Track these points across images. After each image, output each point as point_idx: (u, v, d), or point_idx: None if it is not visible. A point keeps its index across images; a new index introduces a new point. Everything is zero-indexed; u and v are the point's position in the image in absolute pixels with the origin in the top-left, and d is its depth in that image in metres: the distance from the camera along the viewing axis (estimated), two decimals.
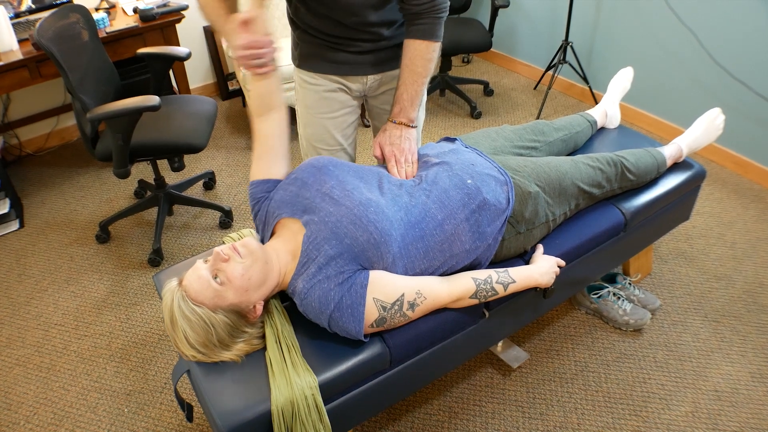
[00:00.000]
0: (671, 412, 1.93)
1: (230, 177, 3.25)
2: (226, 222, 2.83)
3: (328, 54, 1.75)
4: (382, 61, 1.79)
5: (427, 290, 1.47)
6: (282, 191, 1.56)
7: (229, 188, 3.16)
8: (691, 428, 1.88)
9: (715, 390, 1.99)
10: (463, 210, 1.56)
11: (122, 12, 3.22)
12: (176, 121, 2.56)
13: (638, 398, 1.97)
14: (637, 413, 1.93)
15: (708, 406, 1.94)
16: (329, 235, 1.42)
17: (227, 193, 3.12)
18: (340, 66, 1.78)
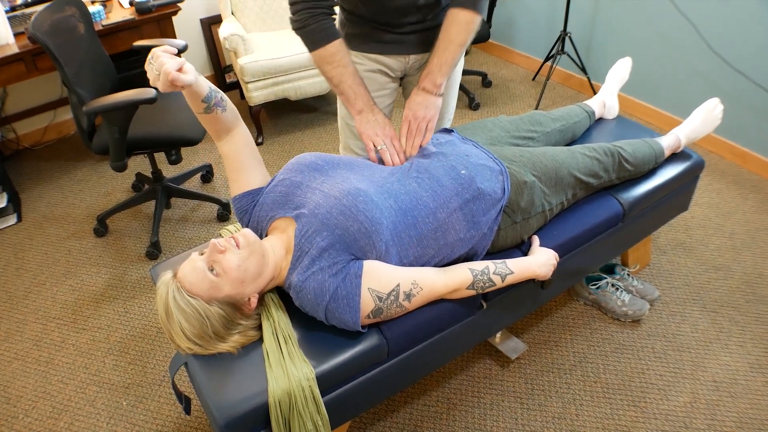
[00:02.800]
0: (669, 402, 1.93)
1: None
2: (223, 215, 2.83)
3: (374, 34, 1.77)
4: (426, 42, 1.80)
5: (423, 281, 1.47)
6: (270, 194, 1.56)
7: (226, 181, 3.15)
8: (689, 419, 1.88)
9: (714, 381, 1.99)
10: (457, 199, 1.56)
11: (118, 4, 3.20)
12: (173, 113, 2.55)
13: (636, 389, 1.97)
14: (635, 404, 1.93)
15: (706, 397, 1.94)
16: (320, 226, 1.42)
17: (225, 186, 3.11)
18: (385, 45, 1.80)
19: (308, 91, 3.45)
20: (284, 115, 3.79)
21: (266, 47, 3.36)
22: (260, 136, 3.48)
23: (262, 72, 3.23)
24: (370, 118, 1.72)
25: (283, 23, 3.66)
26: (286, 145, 3.46)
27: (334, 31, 1.63)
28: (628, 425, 1.86)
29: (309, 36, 1.64)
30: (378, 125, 1.71)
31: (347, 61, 1.67)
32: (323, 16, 1.61)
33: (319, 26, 1.61)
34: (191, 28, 3.81)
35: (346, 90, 1.69)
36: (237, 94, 4.05)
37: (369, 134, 1.71)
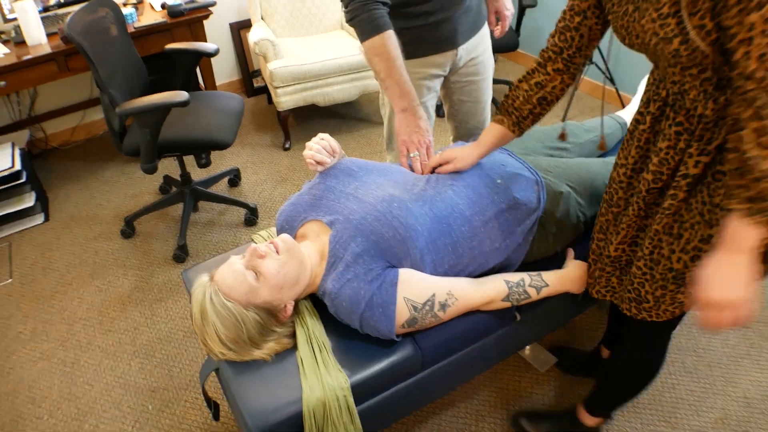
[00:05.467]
0: (700, 418, 1.89)
1: (255, 174, 3.24)
2: (251, 219, 2.82)
3: (428, 34, 1.82)
4: (470, 28, 1.90)
5: (459, 291, 1.45)
6: (305, 196, 1.56)
7: (254, 185, 3.14)
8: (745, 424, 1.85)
9: (745, 397, 1.95)
10: (493, 207, 1.54)
11: (150, 7, 3.22)
12: (204, 117, 2.55)
13: (667, 404, 1.93)
14: (666, 419, 1.89)
15: (738, 413, 1.90)
16: (354, 232, 1.40)
17: (252, 190, 3.11)
18: (440, 43, 1.86)
19: (336, 97, 3.44)
20: (312, 120, 3.79)
21: (295, 53, 3.35)
22: (287, 141, 3.47)
23: (291, 77, 3.22)
24: (411, 121, 1.68)
25: (312, 28, 3.66)
26: None
27: (384, 22, 1.59)
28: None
29: (359, 27, 1.61)
30: (417, 130, 1.69)
31: (396, 55, 1.62)
32: (374, 6, 1.58)
33: (369, 16, 1.58)
34: (221, 32, 3.82)
35: (392, 85, 1.65)
36: (264, 100, 4.06)
37: (404, 138, 1.69)
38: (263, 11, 3.53)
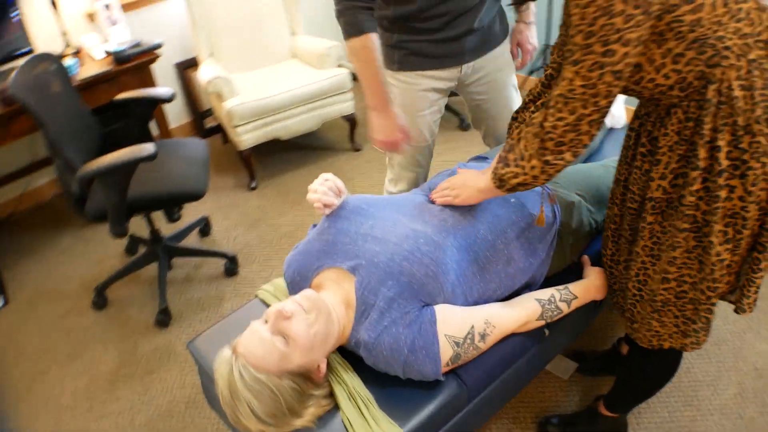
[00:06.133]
0: (720, 396, 1.93)
1: (225, 220, 3.07)
2: (231, 269, 2.64)
3: (428, 49, 1.80)
4: (477, 47, 1.85)
5: (495, 318, 1.38)
6: (315, 242, 1.45)
7: (226, 232, 2.97)
8: (742, 409, 1.88)
9: (755, 368, 2.00)
10: (513, 228, 1.49)
11: (89, 56, 3.02)
12: (171, 168, 2.38)
13: (687, 388, 1.95)
14: (689, 403, 1.91)
15: (753, 385, 1.95)
16: (383, 276, 1.31)
17: (225, 237, 2.93)
18: (442, 59, 1.83)
19: (298, 129, 3.31)
20: (275, 155, 3.64)
21: (251, 88, 3.21)
22: (253, 181, 3.31)
23: (250, 114, 3.07)
24: (383, 119, 1.79)
25: (263, 60, 3.52)
26: (282, 186, 3.30)
27: (365, 25, 1.66)
28: (688, 425, 1.84)
29: (342, 26, 1.70)
30: (386, 129, 1.81)
31: (372, 57, 1.71)
32: (359, 9, 1.66)
33: (352, 19, 1.66)
34: (166, 73, 3.63)
35: (365, 84, 1.76)
36: (219, 139, 3.88)
37: (378, 138, 1.83)
38: (211, 47, 3.37)
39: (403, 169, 2.13)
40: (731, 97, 1.02)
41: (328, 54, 3.34)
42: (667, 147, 1.15)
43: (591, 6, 0.93)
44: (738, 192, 1.08)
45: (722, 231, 1.12)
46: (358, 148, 3.61)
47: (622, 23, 0.93)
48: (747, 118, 1.02)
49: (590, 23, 0.95)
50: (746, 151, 1.04)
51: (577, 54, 1.00)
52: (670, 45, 1.01)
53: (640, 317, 1.37)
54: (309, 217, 3.01)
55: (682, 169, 1.14)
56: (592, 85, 1.01)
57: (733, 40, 0.99)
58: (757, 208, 1.09)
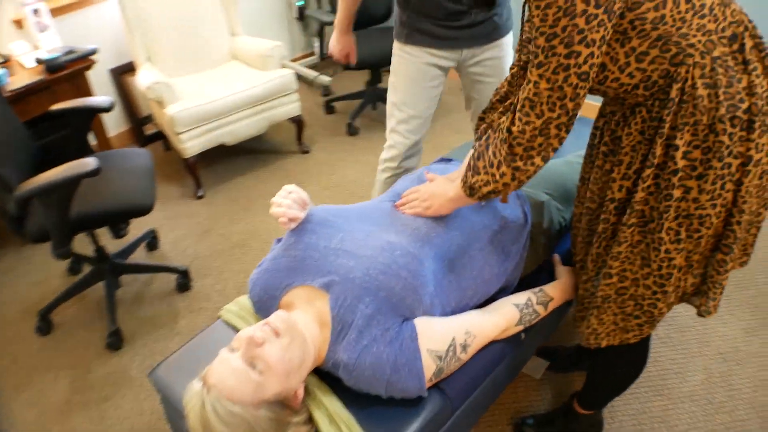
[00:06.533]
0: (689, 383, 1.97)
1: (173, 232, 2.94)
2: (184, 284, 2.54)
3: (430, 30, 1.97)
4: (477, 37, 2.00)
5: (476, 328, 1.35)
6: (282, 259, 1.38)
7: (175, 245, 2.85)
8: (710, 394, 1.93)
9: (719, 352, 2.06)
10: (486, 232, 1.46)
11: (19, 65, 2.83)
12: (115, 181, 2.26)
13: (656, 378, 1.99)
14: (660, 392, 1.94)
15: (718, 370, 2.01)
16: (360, 292, 1.26)
17: (174, 250, 2.81)
18: (439, 41, 1.99)
19: (245, 133, 3.21)
20: (221, 161, 3.53)
21: (194, 92, 3.09)
22: (200, 189, 3.19)
23: (194, 120, 2.96)
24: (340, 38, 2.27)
25: (203, 63, 3.39)
26: (230, 193, 3.20)
27: None
28: (661, 415, 1.88)
29: None
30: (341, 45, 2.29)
31: None
32: None
33: None
34: (102, 80, 3.45)
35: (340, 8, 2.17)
36: (160, 147, 3.73)
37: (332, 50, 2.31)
38: (148, 51, 3.22)
39: (398, 135, 2.24)
40: (695, 96, 1.01)
41: (270, 55, 3.25)
42: (630, 146, 1.14)
43: (552, 7, 0.91)
44: (693, 193, 1.08)
45: (673, 230, 1.12)
46: (307, 150, 3.54)
47: (584, 23, 0.92)
48: (711, 116, 1.02)
49: (552, 24, 0.93)
50: (710, 150, 1.04)
51: (541, 56, 0.98)
52: (633, 44, 1.00)
53: (581, 315, 1.39)
54: (262, 224, 2.93)
55: (644, 167, 1.13)
56: (558, 87, 1.00)
57: (697, 37, 0.98)
58: (723, 209, 1.10)
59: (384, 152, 2.32)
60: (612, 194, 1.20)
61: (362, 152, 3.51)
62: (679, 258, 1.16)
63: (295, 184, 3.21)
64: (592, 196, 1.29)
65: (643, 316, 1.28)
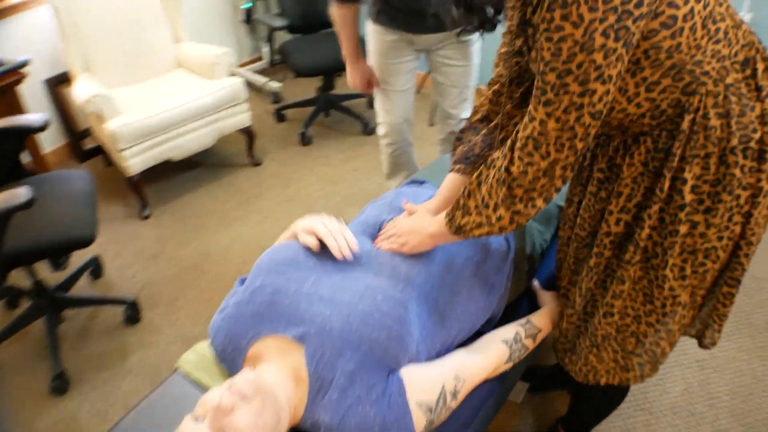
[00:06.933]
0: (669, 395, 1.95)
1: (118, 257, 2.73)
2: (133, 316, 2.35)
3: (400, 15, 2.01)
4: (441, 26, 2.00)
5: (465, 371, 1.25)
6: (249, 305, 1.24)
7: (121, 271, 2.65)
8: (691, 405, 1.92)
9: (696, 360, 2.05)
10: (469, 264, 1.37)
11: None
12: (52, 211, 2.05)
13: (637, 392, 1.96)
14: (642, 407, 1.92)
15: (697, 379, 2.00)
16: (340, 345, 1.14)
17: (121, 278, 2.61)
18: (409, 25, 2.04)
19: (192, 147, 3.03)
20: (167, 177, 3.31)
21: (136, 104, 2.89)
22: (145, 209, 2.99)
23: (137, 135, 2.76)
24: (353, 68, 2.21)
25: (146, 73, 3.18)
26: (179, 212, 3.01)
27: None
28: (643, 430, 1.86)
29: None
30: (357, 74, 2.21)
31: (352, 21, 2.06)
32: None
33: None
34: (34, 92, 3.17)
35: (342, 39, 2.13)
36: (100, 162, 3.47)
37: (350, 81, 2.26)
38: (85, 60, 2.98)
39: (385, 112, 2.34)
40: (707, 127, 0.94)
41: (218, 62, 3.07)
42: (631, 178, 1.06)
43: (567, 40, 0.81)
44: (700, 228, 1.02)
45: (678, 266, 1.06)
46: (258, 162, 3.38)
47: (602, 59, 0.82)
48: (722, 148, 0.95)
49: (566, 60, 0.83)
50: (719, 183, 0.97)
51: (550, 93, 0.87)
52: (645, 74, 0.91)
53: (579, 350, 1.31)
54: (214, 245, 2.75)
55: (646, 201, 1.05)
56: (569, 128, 0.90)
57: (711, 64, 0.91)
58: (730, 242, 1.03)
59: (378, 128, 2.44)
60: (608, 227, 1.12)
61: (317, 163, 3.37)
62: (684, 295, 1.09)
63: (248, 198, 3.06)
64: (582, 223, 1.21)
65: (645, 355, 1.22)
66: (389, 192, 1.67)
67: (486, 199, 1.07)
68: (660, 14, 0.84)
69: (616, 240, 1.13)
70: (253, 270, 1.32)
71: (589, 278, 1.21)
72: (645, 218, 1.04)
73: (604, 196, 1.14)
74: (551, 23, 0.81)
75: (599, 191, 1.15)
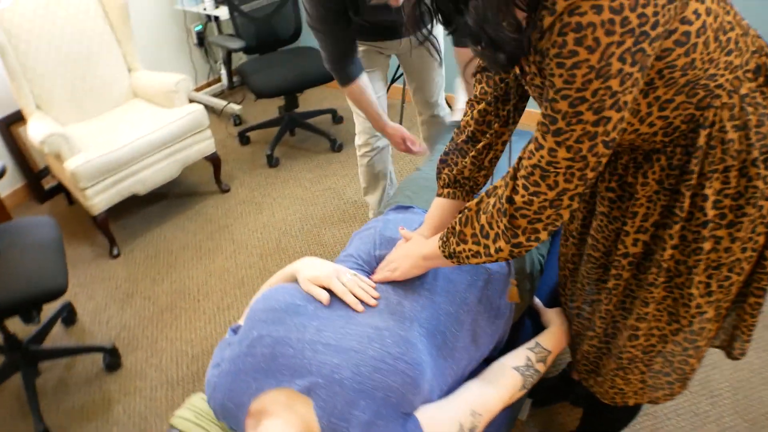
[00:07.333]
0: None
1: (91, 300, 2.63)
2: (113, 363, 2.26)
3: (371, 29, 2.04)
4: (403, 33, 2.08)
5: (480, 406, 1.21)
6: (245, 358, 1.17)
7: (95, 315, 2.55)
8: (694, 405, 1.92)
9: None
10: (473, 291, 1.32)
11: None
12: (18, 263, 1.96)
13: None
14: (645, 412, 1.90)
15: (696, 377, 1.99)
16: (352, 396, 1.08)
17: (95, 322, 2.51)
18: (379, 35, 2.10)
19: (157, 180, 2.94)
20: (133, 213, 3.21)
21: (95, 140, 2.79)
22: (114, 247, 2.88)
23: (99, 172, 2.66)
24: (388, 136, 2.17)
25: (101, 106, 3.08)
26: (149, 248, 2.92)
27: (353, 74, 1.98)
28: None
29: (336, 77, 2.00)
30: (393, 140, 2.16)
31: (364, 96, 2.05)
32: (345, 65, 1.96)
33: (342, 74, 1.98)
34: None
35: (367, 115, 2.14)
36: (63, 200, 3.34)
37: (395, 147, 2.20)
38: (37, 98, 2.85)
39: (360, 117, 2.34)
40: (724, 141, 0.91)
41: (176, 90, 2.99)
42: (646, 198, 1.02)
43: (581, 67, 0.76)
44: (724, 243, 0.99)
45: (703, 283, 1.03)
46: (227, 188, 3.30)
47: (618, 85, 0.77)
48: (742, 160, 0.92)
49: (580, 88, 0.78)
50: (741, 196, 0.94)
51: (561, 122, 0.83)
52: (658, 93, 0.88)
53: (605, 371, 1.28)
54: (189, 280, 2.68)
55: (664, 220, 1.02)
56: (581, 157, 0.85)
57: (725, 76, 0.88)
58: (754, 254, 1.01)
59: (355, 138, 2.44)
60: (625, 249, 1.09)
61: (287, 185, 3.31)
62: (711, 311, 1.07)
63: (220, 228, 2.99)
64: (595, 243, 1.17)
65: (674, 374, 1.19)
66: (374, 221, 1.61)
67: (486, 229, 1.03)
68: (673, 32, 0.81)
69: (635, 261, 1.10)
70: (248, 319, 1.25)
71: (608, 300, 1.18)
72: (666, 239, 1.01)
73: (618, 215, 1.10)
74: (563, 48, 0.76)
75: (611, 211, 1.11)
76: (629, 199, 1.06)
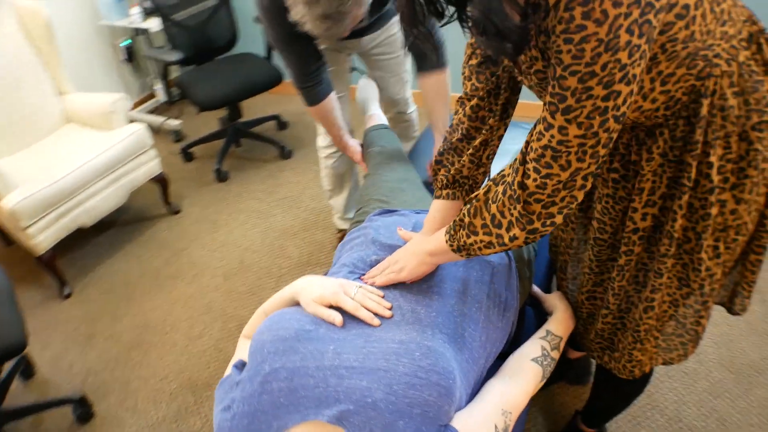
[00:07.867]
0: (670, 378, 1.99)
1: (47, 348, 2.41)
2: (84, 414, 2.07)
3: None
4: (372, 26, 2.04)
5: (510, 404, 1.17)
6: (260, 396, 1.06)
7: (55, 364, 2.33)
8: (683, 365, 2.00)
9: None
10: (481, 287, 1.28)
11: None
12: None
13: None
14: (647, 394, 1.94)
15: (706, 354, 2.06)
16: (390, 417, 1.00)
17: (57, 371, 2.30)
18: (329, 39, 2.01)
19: (103, 208, 2.74)
20: (80, 247, 2.98)
21: (31, 173, 2.57)
22: (65, 287, 2.66)
23: (41, 208, 2.45)
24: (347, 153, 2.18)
25: (35, 133, 2.83)
26: (102, 282, 2.71)
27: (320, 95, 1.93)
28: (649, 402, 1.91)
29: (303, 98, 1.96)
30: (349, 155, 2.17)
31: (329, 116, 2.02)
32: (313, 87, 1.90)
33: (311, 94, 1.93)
34: None
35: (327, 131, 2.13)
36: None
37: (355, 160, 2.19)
38: None
39: None
40: (725, 108, 0.93)
41: (113, 110, 2.81)
42: (652, 172, 1.03)
43: (590, 41, 0.75)
44: (729, 205, 1.01)
45: (712, 246, 1.05)
46: (177, 209, 3.13)
47: (627, 58, 0.77)
48: (742, 125, 0.94)
49: (589, 62, 0.77)
50: (742, 159, 0.97)
51: (571, 99, 0.81)
52: (661, 68, 0.89)
53: (621, 346, 1.28)
54: (152, 312, 2.50)
55: (671, 191, 1.03)
56: (592, 134, 0.84)
57: (721, 45, 0.90)
58: (756, 213, 1.04)
59: (318, 140, 2.42)
60: (634, 225, 1.09)
61: (240, 199, 3.17)
62: (719, 272, 1.09)
63: (177, 252, 2.81)
64: (602, 226, 1.16)
65: (687, 335, 1.21)
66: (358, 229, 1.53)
67: (497, 218, 1.01)
68: (674, 5, 0.83)
69: (645, 234, 1.10)
70: (254, 352, 1.13)
71: (621, 276, 1.17)
72: (676, 209, 1.02)
73: (623, 195, 1.10)
74: (571, 23, 0.75)
75: (616, 191, 1.11)
76: (634, 177, 1.07)
